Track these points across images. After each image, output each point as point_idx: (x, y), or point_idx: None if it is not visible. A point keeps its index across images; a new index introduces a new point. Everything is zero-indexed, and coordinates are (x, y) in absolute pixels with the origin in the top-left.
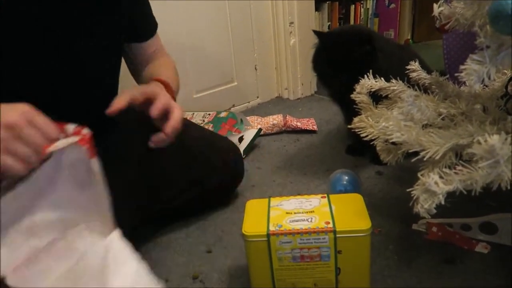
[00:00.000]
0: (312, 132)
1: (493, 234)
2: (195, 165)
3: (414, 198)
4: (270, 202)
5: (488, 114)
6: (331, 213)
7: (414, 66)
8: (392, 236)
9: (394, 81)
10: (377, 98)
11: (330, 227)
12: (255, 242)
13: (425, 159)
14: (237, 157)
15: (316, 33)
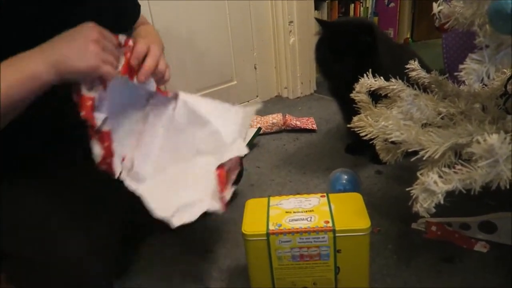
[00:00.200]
0: (311, 131)
1: (492, 233)
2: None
3: (414, 197)
4: (269, 201)
5: (487, 113)
6: (331, 212)
7: (414, 65)
8: (391, 235)
9: (393, 80)
10: (376, 97)
11: (329, 226)
12: (255, 241)
13: (424, 158)
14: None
15: (318, 21)
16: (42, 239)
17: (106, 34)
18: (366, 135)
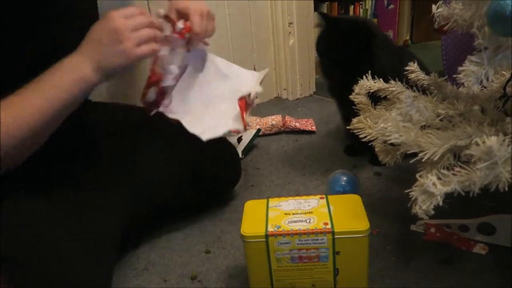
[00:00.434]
0: (311, 132)
1: (491, 235)
2: (191, 164)
3: (413, 199)
4: (268, 202)
5: (486, 116)
6: (330, 214)
7: (413, 67)
8: (390, 237)
9: (392, 82)
10: (375, 99)
11: (328, 228)
12: (254, 243)
13: (423, 160)
14: (233, 156)
15: (320, 14)
16: (38, 243)
17: (128, 12)
18: (365, 137)
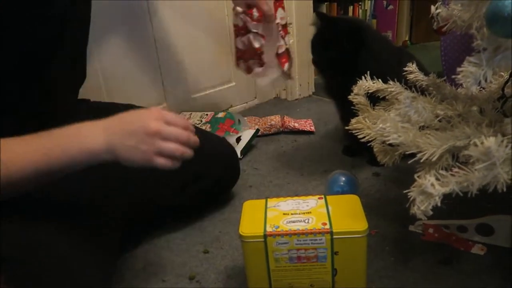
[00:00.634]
0: (309, 133)
1: (489, 236)
2: (189, 164)
3: (411, 199)
4: (267, 203)
5: (484, 116)
6: (328, 214)
7: (412, 68)
8: (388, 237)
9: (391, 82)
10: (374, 99)
11: (327, 228)
12: (252, 243)
13: (422, 161)
14: (232, 156)
15: (317, 13)
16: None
17: (171, 118)
18: (364, 137)
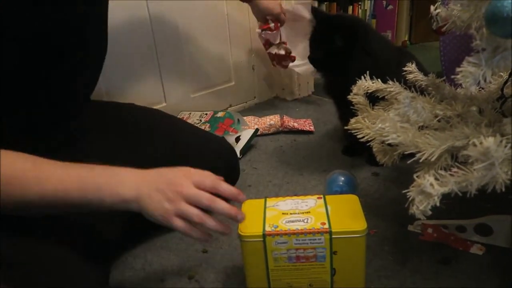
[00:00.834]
0: (309, 132)
1: (488, 236)
2: (189, 164)
3: (410, 199)
4: (266, 202)
5: (484, 116)
6: (327, 214)
7: (411, 67)
8: (387, 237)
9: (390, 82)
10: (374, 99)
11: (326, 228)
12: (251, 243)
13: (421, 161)
14: (231, 156)
15: (313, 10)
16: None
17: (202, 182)
18: (363, 137)
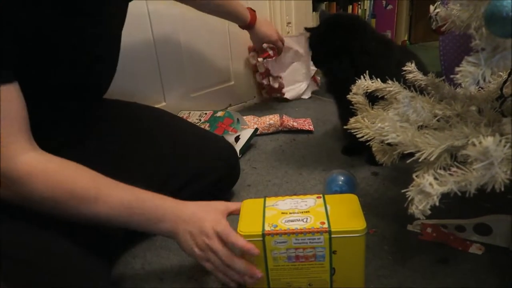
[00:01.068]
0: (308, 132)
1: (487, 236)
2: (189, 164)
3: (409, 199)
4: (265, 202)
5: (483, 116)
6: (326, 213)
7: (411, 67)
8: (387, 236)
9: (390, 82)
10: (373, 98)
11: (325, 228)
12: (250, 242)
13: (420, 160)
14: (232, 155)
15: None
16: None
17: (225, 235)
18: (363, 137)
